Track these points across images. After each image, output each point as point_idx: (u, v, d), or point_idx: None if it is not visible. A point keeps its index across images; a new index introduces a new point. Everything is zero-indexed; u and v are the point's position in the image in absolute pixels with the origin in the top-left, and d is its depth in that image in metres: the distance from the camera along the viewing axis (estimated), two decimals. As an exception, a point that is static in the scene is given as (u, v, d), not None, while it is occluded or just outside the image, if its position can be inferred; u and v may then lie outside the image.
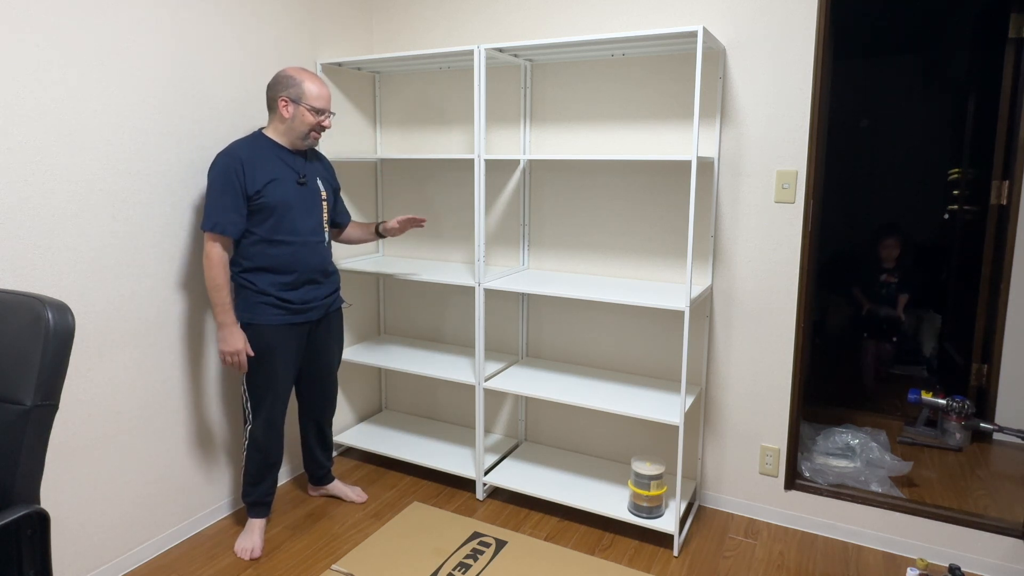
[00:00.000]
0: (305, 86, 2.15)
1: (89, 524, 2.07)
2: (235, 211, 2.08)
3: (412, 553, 2.29)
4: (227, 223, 2.08)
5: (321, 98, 2.18)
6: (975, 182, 3.40)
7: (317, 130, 2.20)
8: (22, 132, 1.82)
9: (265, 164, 2.13)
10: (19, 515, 1.06)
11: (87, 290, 2.00)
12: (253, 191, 2.10)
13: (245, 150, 2.12)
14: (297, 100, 2.15)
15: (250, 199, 2.10)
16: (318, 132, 2.22)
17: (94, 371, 2.04)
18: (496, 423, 3.07)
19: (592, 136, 2.66)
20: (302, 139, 2.19)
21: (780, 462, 2.48)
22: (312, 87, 2.16)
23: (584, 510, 2.48)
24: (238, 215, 2.09)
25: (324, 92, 2.18)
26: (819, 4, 2.21)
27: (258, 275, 2.16)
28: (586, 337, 2.80)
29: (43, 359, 1.15)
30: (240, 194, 2.08)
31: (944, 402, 2.91)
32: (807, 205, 2.32)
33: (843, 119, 5.19)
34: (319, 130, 2.21)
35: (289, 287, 2.20)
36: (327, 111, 2.21)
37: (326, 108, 2.20)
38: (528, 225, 2.85)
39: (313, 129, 2.19)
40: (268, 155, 2.15)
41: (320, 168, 2.35)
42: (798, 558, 2.30)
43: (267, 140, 2.18)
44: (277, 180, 2.14)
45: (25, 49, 1.81)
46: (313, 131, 2.20)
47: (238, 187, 2.08)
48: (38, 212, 1.87)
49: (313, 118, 2.17)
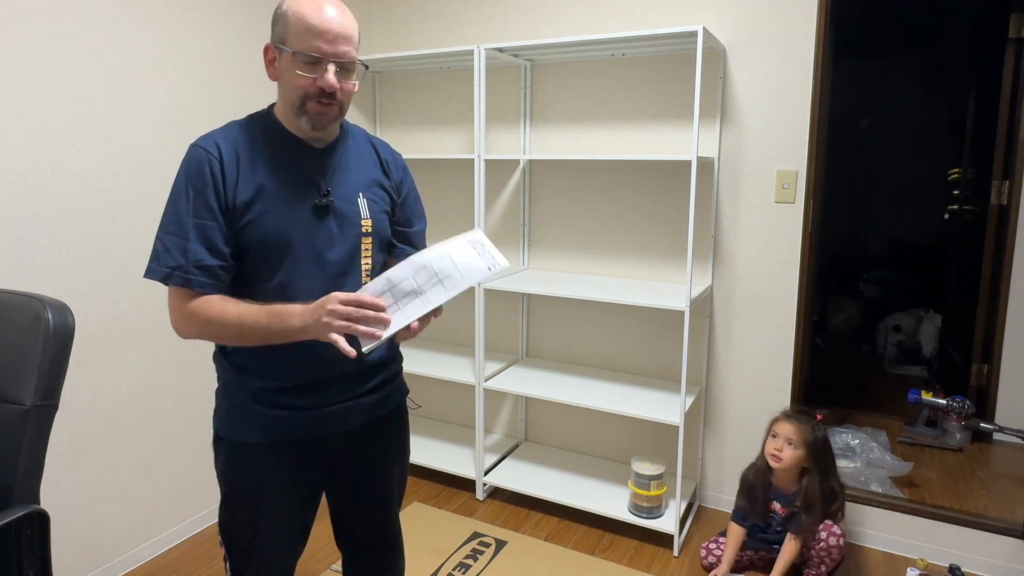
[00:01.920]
0: (290, 16, 1.14)
1: (89, 524, 2.07)
2: (203, 242, 1.14)
3: (412, 553, 2.29)
4: (190, 266, 1.13)
5: (314, 32, 1.12)
6: (975, 182, 3.40)
7: (317, 98, 1.16)
8: (22, 132, 1.82)
9: (257, 162, 1.19)
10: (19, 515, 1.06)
11: (87, 290, 2.00)
12: (239, 204, 1.17)
13: (231, 136, 1.20)
14: (281, 44, 1.16)
15: (233, 222, 1.17)
16: (319, 103, 1.16)
17: (94, 371, 2.04)
18: (496, 423, 3.07)
19: (592, 136, 2.66)
20: (296, 116, 1.19)
21: (780, 462, 2.48)
22: (301, 14, 1.13)
23: (584, 510, 2.48)
24: (209, 252, 1.15)
25: (322, 20, 1.13)
26: (819, 4, 2.21)
27: (242, 359, 1.25)
28: (586, 337, 2.80)
29: (43, 359, 1.15)
30: (214, 211, 1.15)
31: (944, 402, 2.91)
32: (807, 205, 2.32)
33: (843, 119, 5.18)
34: (320, 99, 1.16)
35: (293, 387, 1.25)
36: (327, 57, 1.14)
37: (324, 52, 1.14)
38: (528, 225, 2.85)
39: (308, 98, 1.16)
40: (266, 147, 1.21)
41: (370, 172, 1.31)
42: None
43: (273, 122, 1.24)
44: (267, 193, 1.18)
45: (25, 49, 1.81)
46: (310, 101, 1.16)
47: (212, 200, 1.15)
48: (38, 212, 1.87)
49: (303, 74, 1.15)
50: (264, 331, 1.13)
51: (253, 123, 1.24)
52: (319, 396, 1.26)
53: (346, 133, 1.30)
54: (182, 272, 1.13)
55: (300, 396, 1.25)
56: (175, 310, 1.17)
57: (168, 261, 1.13)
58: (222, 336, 1.17)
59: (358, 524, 1.44)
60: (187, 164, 1.17)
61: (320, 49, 1.13)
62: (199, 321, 1.15)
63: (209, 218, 1.14)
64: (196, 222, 1.14)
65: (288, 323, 1.12)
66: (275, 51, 1.18)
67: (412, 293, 1.13)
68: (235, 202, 1.16)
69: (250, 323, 1.13)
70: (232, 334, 1.15)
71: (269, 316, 1.13)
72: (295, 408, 1.25)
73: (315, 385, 1.25)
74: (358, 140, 1.33)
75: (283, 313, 1.12)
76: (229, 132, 1.21)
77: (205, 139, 1.19)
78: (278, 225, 1.18)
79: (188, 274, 1.13)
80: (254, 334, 1.14)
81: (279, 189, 1.18)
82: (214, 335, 1.17)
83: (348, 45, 1.16)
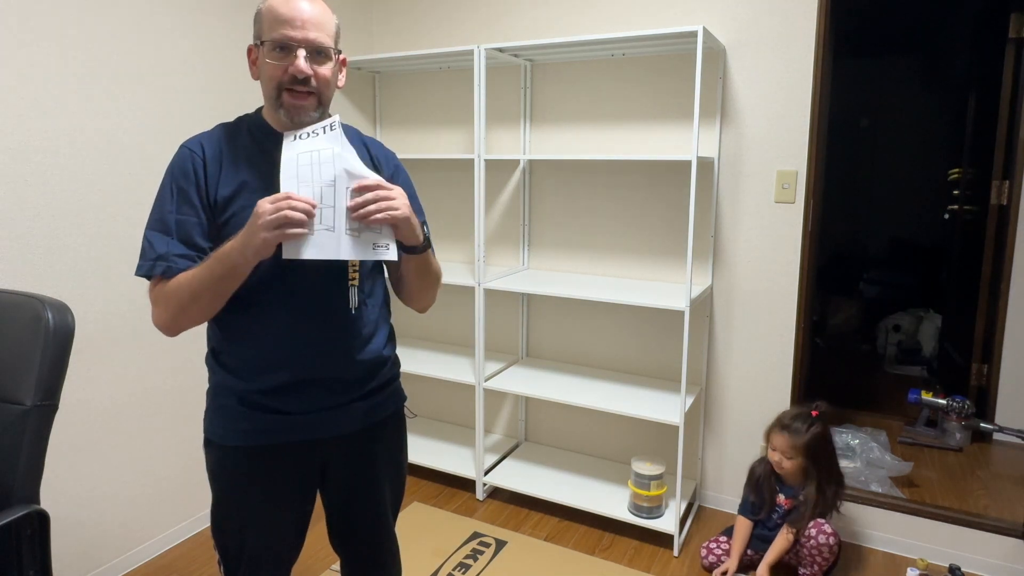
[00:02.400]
0: (264, 11, 1.16)
1: (89, 524, 2.07)
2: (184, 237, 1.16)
3: (412, 553, 2.29)
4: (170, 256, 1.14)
5: (282, 20, 1.14)
6: (975, 182, 3.40)
7: (291, 86, 1.16)
8: (22, 132, 1.82)
9: (241, 159, 1.20)
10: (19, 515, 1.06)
11: (87, 290, 2.00)
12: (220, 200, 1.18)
13: (217, 136, 1.23)
14: (257, 38, 1.19)
15: (215, 217, 1.18)
16: (293, 94, 1.16)
17: (94, 371, 2.04)
18: (496, 423, 3.07)
19: (592, 136, 2.66)
20: (275, 109, 1.19)
21: (780, 462, 2.48)
22: (272, 6, 1.16)
23: (584, 510, 2.48)
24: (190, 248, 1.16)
25: (291, 9, 1.14)
26: (819, 4, 2.21)
27: (229, 359, 1.24)
28: (586, 337, 2.80)
29: (43, 359, 1.15)
30: (196, 207, 1.17)
31: (944, 402, 2.91)
32: (807, 205, 2.32)
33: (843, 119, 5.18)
34: (294, 88, 1.16)
35: (279, 388, 1.22)
36: (296, 42, 1.14)
37: (293, 38, 1.14)
38: (528, 225, 2.85)
39: (282, 87, 1.16)
40: (251, 145, 1.22)
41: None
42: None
43: (259, 122, 1.25)
44: (249, 189, 1.18)
45: (25, 49, 1.81)
46: (285, 92, 1.16)
47: (194, 196, 1.17)
48: (38, 212, 1.87)
49: (274, 63, 1.15)
50: (214, 278, 1.10)
51: (240, 123, 1.26)
52: (308, 399, 1.24)
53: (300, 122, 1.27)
54: (163, 262, 1.13)
55: (287, 399, 1.22)
56: (152, 301, 1.17)
57: (151, 255, 1.15)
58: (183, 304, 1.13)
59: (351, 533, 1.42)
60: (172, 163, 1.20)
61: (289, 36, 1.14)
62: (163, 299, 1.14)
63: (191, 214, 1.16)
64: (178, 218, 1.16)
65: (230, 256, 1.09)
66: (256, 50, 1.20)
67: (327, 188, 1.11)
68: (216, 198, 1.17)
69: (199, 276, 1.11)
70: (189, 297, 1.12)
71: (211, 260, 1.11)
72: (282, 412, 1.23)
73: (303, 386, 1.23)
74: (350, 138, 1.31)
75: (221, 250, 1.10)
76: (215, 132, 1.24)
77: (192, 140, 1.22)
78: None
79: (168, 262, 1.13)
80: (206, 284, 1.11)
81: (261, 185, 1.18)
82: (176, 308, 1.14)
83: (318, 31, 1.16)
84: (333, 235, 1.10)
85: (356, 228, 1.11)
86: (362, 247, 1.12)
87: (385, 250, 1.13)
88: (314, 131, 1.16)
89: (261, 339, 1.20)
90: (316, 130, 1.16)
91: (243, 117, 1.27)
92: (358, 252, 1.12)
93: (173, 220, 1.15)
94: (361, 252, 1.12)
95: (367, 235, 1.12)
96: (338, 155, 1.13)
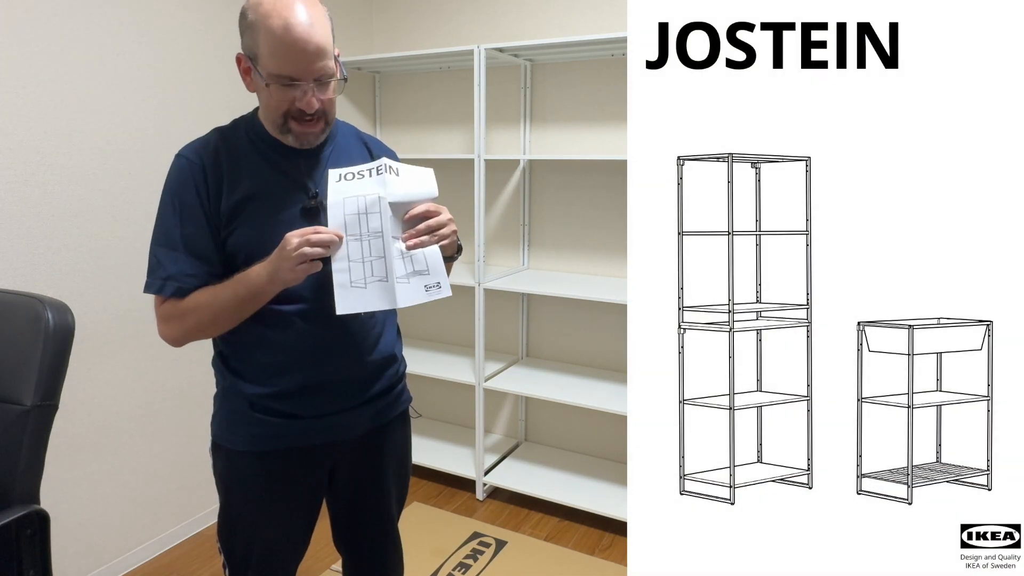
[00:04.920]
0: (261, 31, 1.07)
1: (89, 524, 2.07)
2: (192, 251, 1.15)
3: (412, 553, 2.28)
4: (182, 276, 1.14)
5: (287, 54, 1.07)
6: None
7: (298, 118, 1.13)
8: (22, 132, 1.82)
9: (242, 168, 1.17)
10: (19, 515, 1.06)
11: (87, 290, 2.00)
12: (226, 211, 1.16)
13: (214, 144, 1.19)
14: (253, 60, 1.12)
15: (220, 229, 1.16)
16: (302, 122, 1.14)
17: (94, 371, 2.04)
18: (496, 423, 3.07)
19: (592, 136, 2.66)
20: (280, 133, 1.17)
21: (780, 462, 2.48)
22: (270, 30, 1.06)
23: (584, 510, 2.48)
24: (199, 261, 1.15)
25: (294, 40, 1.06)
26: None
27: (239, 364, 1.23)
28: (586, 337, 2.80)
29: (43, 359, 1.15)
30: (200, 220, 1.15)
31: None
32: (807, 205, 2.32)
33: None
34: (302, 118, 1.14)
35: (291, 392, 1.22)
36: (301, 79, 1.09)
37: (301, 75, 1.09)
38: (528, 225, 2.85)
39: (291, 116, 1.13)
40: (251, 152, 1.19)
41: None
42: (798, 558, 2.31)
43: (257, 127, 1.21)
44: (254, 198, 1.16)
45: (25, 49, 1.81)
46: (292, 118, 1.14)
47: (198, 210, 1.15)
48: (38, 212, 1.87)
49: (280, 95, 1.11)
50: (237, 300, 1.12)
51: (237, 128, 1.22)
52: (319, 403, 1.22)
53: (334, 132, 1.26)
54: (174, 281, 1.14)
55: (298, 403, 1.21)
56: (161, 318, 1.17)
57: (161, 273, 1.14)
58: (202, 324, 1.15)
59: (356, 533, 1.43)
60: (171, 175, 1.18)
61: (296, 73, 1.09)
62: (177, 317, 1.15)
63: (196, 228, 1.14)
64: (184, 232, 1.14)
65: (254, 283, 1.10)
66: (248, 62, 1.13)
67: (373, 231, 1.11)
68: (221, 209, 1.15)
69: (222, 298, 1.12)
70: (210, 318, 1.14)
71: (236, 284, 1.11)
72: (293, 416, 1.22)
73: (313, 390, 1.21)
74: (348, 138, 1.31)
75: (247, 275, 1.11)
76: (211, 138, 1.20)
77: (188, 148, 1.19)
78: (266, 230, 1.13)
79: (179, 282, 1.14)
80: (229, 306, 1.12)
81: (266, 194, 1.17)
82: (194, 326, 1.15)
83: (323, 59, 1.10)
84: (386, 285, 1.09)
85: (405, 276, 1.11)
86: (414, 292, 1.10)
87: (438, 290, 1.11)
88: (360, 173, 1.15)
89: (272, 344, 1.19)
90: (363, 171, 1.15)
91: (239, 121, 1.24)
92: (412, 297, 1.10)
93: (179, 235, 1.14)
94: (415, 296, 1.10)
95: (416, 280, 1.11)
96: (383, 199, 1.11)
